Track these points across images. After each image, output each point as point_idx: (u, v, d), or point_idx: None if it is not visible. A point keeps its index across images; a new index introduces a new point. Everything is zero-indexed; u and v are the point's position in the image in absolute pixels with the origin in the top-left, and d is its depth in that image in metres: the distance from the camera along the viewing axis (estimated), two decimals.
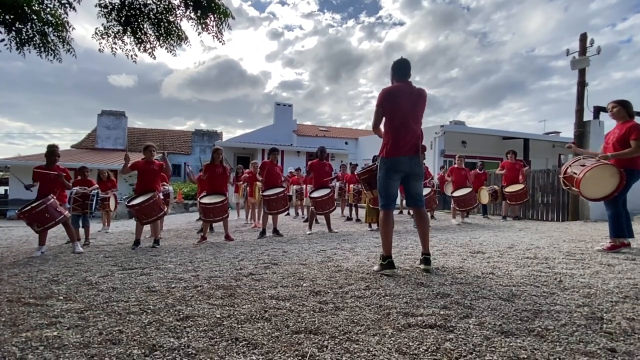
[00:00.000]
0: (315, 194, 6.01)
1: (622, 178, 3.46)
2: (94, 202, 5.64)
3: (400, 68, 2.88)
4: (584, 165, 3.63)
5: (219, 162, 5.49)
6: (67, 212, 4.63)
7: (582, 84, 7.94)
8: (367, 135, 21.49)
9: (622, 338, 1.56)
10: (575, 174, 3.62)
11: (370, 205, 6.32)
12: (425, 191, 6.68)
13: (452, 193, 7.26)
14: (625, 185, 3.47)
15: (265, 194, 5.64)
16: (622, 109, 3.61)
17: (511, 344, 1.50)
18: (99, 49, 5.45)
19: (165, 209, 5.18)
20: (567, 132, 18.68)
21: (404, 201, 9.72)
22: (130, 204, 4.74)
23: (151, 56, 5.73)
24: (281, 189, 5.76)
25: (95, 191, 5.69)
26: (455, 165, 7.42)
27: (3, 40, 4.83)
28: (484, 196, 7.95)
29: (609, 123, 3.99)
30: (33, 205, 4.30)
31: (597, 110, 8.04)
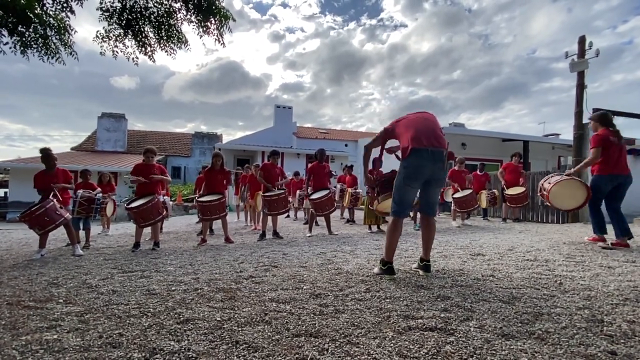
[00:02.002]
0: (314, 196, 6.01)
1: (588, 190, 3.91)
2: (98, 206, 5.65)
3: None
4: (550, 183, 4.13)
5: (219, 167, 5.48)
6: (67, 214, 4.62)
7: (581, 86, 7.96)
8: (366, 137, 21.53)
9: (622, 341, 1.56)
10: (545, 189, 4.15)
11: (369, 207, 6.34)
12: None
13: (452, 195, 7.26)
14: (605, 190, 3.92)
15: (265, 194, 5.65)
16: (594, 122, 4.11)
17: (512, 347, 1.50)
18: (100, 52, 5.47)
19: (164, 212, 5.16)
20: (567, 134, 18.76)
21: None
22: (129, 206, 4.74)
23: (151, 59, 5.75)
24: (281, 191, 5.76)
25: (99, 195, 5.68)
26: (455, 168, 7.42)
27: (7, 43, 4.85)
28: (483, 200, 8.01)
29: None
30: (33, 209, 4.30)
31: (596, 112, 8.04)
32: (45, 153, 4.66)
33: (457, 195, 7.08)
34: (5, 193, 16.51)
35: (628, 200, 3.72)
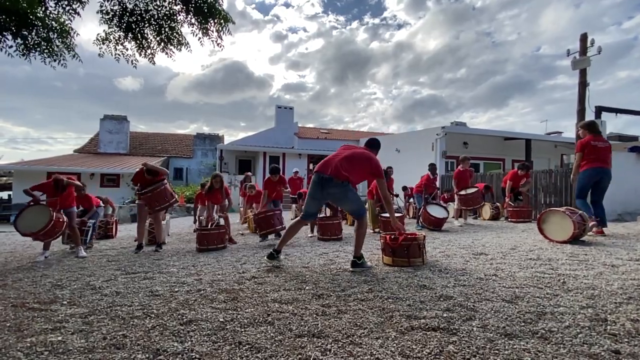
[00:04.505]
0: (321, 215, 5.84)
1: (573, 223, 3.99)
2: (90, 231, 5.47)
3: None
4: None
5: (218, 188, 5.49)
6: (65, 218, 4.57)
7: (583, 84, 7.95)
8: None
9: (626, 340, 1.55)
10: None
11: (375, 212, 6.41)
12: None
13: (457, 192, 7.21)
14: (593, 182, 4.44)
15: (257, 214, 5.51)
16: (583, 130, 4.61)
17: (515, 347, 1.50)
18: (99, 54, 5.49)
19: (176, 196, 5.19)
20: (570, 132, 18.62)
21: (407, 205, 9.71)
22: (142, 192, 4.74)
23: (151, 62, 5.77)
24: (275, 210, 5.57)
25: (92, 222, 5.43)
26: (460, 168, 7.36)
27: (11, 47, 4.88)
28: (486, 212, 8.05)
29: (611, 123, 4.17)
30: (40, 227, 4.22)
31: (599, 110, 8.03)
32: (58, 184, 4.53)
33: (462, 192, 7.05)
34: (9, 195, 16.61)
35: (631, 199, 3.70)
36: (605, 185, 4.51)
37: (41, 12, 4.92)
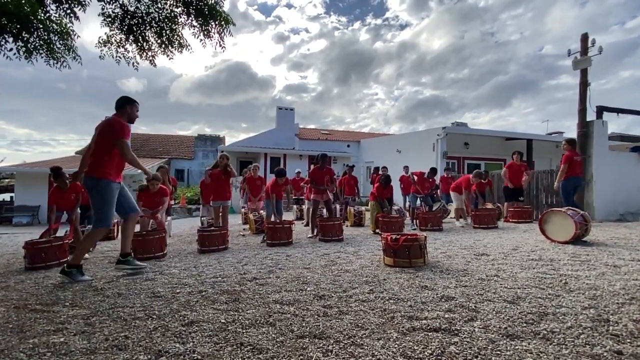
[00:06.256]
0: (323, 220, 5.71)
1: (575, 223, 4.11)
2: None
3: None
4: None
5: (223, 168, 5.49)
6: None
7: (584, 84, 7.92)
8: (368, 137, 21.51)
9: (628, 340, 1.55)
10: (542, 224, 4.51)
11: (375, 214, 6.42)
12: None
13: (478, 207, 7.22)
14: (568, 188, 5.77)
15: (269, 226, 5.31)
16: (567, 145, 5.97)
17: (517, 347, 1.50)
18: (100, 56, 5.51)
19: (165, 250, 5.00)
20: (572, 132, 18.59)
21: (407, 204, 9.70)
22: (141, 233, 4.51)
23: (152, 64, 5.79)
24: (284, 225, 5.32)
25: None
26: (472, 179, 7.26)
27: (12, 49, 4.91)
28: None
29: (614, 123, 4.18)
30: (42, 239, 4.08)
31: (600, 110, 8.01)
32: (56, 172, 4.50)
33: (480, 207, 7.15)
34: (11, 197, 16.67)
35: (633, 199, 3.69)
36: (581, 189, 6.17)
37: (42, 14, 4.94)
